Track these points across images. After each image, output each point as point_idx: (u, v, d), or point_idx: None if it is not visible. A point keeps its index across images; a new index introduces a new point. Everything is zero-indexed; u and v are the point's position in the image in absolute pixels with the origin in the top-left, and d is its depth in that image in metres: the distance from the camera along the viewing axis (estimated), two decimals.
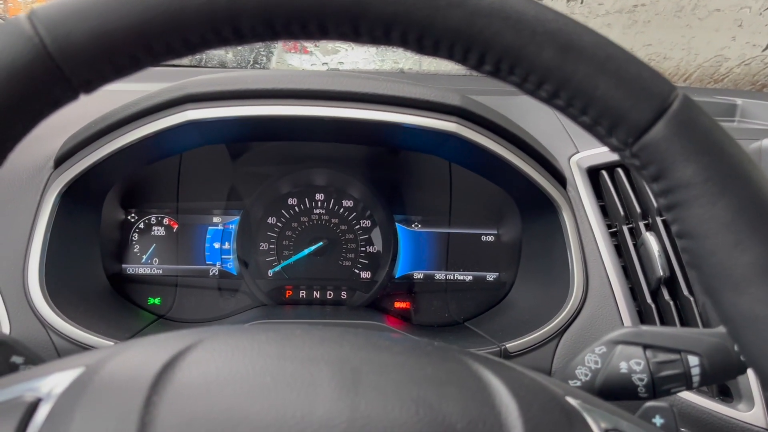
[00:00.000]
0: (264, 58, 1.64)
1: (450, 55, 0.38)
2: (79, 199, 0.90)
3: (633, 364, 0.52)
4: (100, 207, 0.99)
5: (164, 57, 0.36)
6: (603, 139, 0.38)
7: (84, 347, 0.79)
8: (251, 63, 1.60)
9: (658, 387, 0.52)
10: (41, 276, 0.81)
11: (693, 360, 0.52)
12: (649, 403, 0.49)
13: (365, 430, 0.31)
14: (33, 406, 0.33)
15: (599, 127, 0.37)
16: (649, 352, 0.53)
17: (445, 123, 0.85)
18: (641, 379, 0.52)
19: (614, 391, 0.53)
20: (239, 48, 1.58)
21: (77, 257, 0.92)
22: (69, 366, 0.36)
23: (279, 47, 1.67)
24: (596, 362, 0.54)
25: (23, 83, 0.33)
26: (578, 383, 0.54)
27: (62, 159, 0.87)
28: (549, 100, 0.38)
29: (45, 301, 0.80)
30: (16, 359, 0.49)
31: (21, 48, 0.32)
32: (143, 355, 0.36)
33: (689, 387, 0.52)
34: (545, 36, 0.35)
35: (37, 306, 0.80)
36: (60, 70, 0.33)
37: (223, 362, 0.35)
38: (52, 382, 0.35)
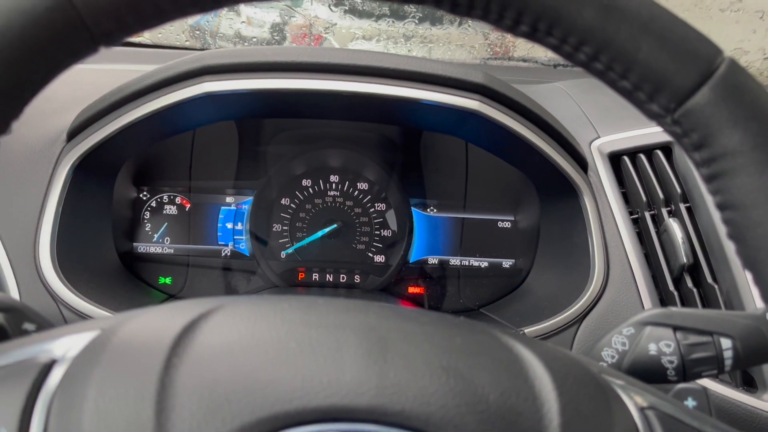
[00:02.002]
0: None
1: (485, 14, 0.36)
2: (91, 174, 0.89)
3: (663, 346, 0.50)
4: (112, 183, 0.97)
5: (190, 8, 0.35)
6: (642, 106, 0.37)
7: None
8: None
9: (689, 370, 0.50)
10: (52, 249, 0.80)
11: (726, 343, 0.50)
12: (681, 385, 0.48)
13: (394, 398, 0.30)
14: (47, 368, 0.32)
15: (639, 92, 0.36)
16: (679, 334, 0.51)
17: (467, 100, 0.83)
18: (671, 362, 0.50)
19: (642, 374, 0.51)
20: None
21: (89, 233, 0.91)
22: (84, 329, 0.35)
23: (288, 38, 1.65)
24: (623, 344, 0.52)
25: (42, 30, 0.32)
26: (604, 365, 0.53)
27: (76, 132, 0.85)
28: (587, 64, 0.36)
29: (56, 275, 0.79)
30: (28, 326, 0.47)
31: None
32: (162, 318, 0.35)
33: (721, 371, 0.50)
34: None
35: (48, 279, 0.79)
36: (80, 18, 0.32)
37: (245, 327, 0.34)
38: (67, 344, 0.34)
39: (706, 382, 0.76)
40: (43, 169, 0.84)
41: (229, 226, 1.10)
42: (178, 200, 1.09)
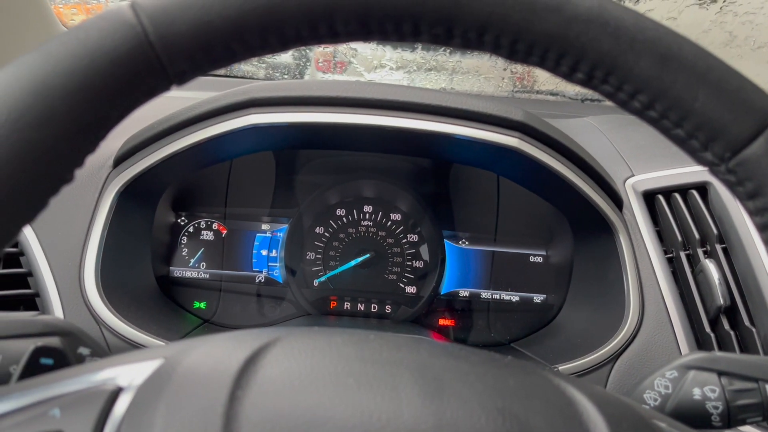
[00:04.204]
0: (297, 76, 1.65)
1: (541, 62, 0.37)
2: (135, 200, 0.91)
3: (707, 391, 0.50)
4: (154, 208, 1.00)
5: (259, 51, 0.36)
6: (695, 153, 0.37)
7: (135, 346, 0.80)
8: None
9: (734, 416, 0.50)
10: (97, 273, 0.82)
11: None
12: None
13: None
14: (114, 396, 0.32)
15: (694, 140, 0.36)
16: (724, 379, 0.51)
17: (507, 137, 0.84)
18: (716, 407, 0.50)
19: (686, 418, 0.50)
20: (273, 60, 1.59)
21: (130, 257, 0.93)
22: (147, 357, 0.36)
23: (312, 66, 1.68)
24: (667, 387, 0.52)
25: (122, 70, 0.33)
26: (647, 408, 0.52)
27: (122, 158, 0.88)
28: (641, 112, 0.37)
29: (100, 298, 0.80)
30: (83, 351, 0.49)
31: (123, 35, 0.33)
32: (223, 349, 0.36)
33: (766, 418, 0.50)
34: (645, 44, 0.35)
35: (92, 302, 0.80)
36: (159, 59, 0.34)
37: (303, 361, 0.35)
38: (132, 372, 0.34)
39: (747, 428, 0.75)
40: (90, 194, 0.87)
41: (264, 253, 1.11)
42: (215, 226, 1.11)
